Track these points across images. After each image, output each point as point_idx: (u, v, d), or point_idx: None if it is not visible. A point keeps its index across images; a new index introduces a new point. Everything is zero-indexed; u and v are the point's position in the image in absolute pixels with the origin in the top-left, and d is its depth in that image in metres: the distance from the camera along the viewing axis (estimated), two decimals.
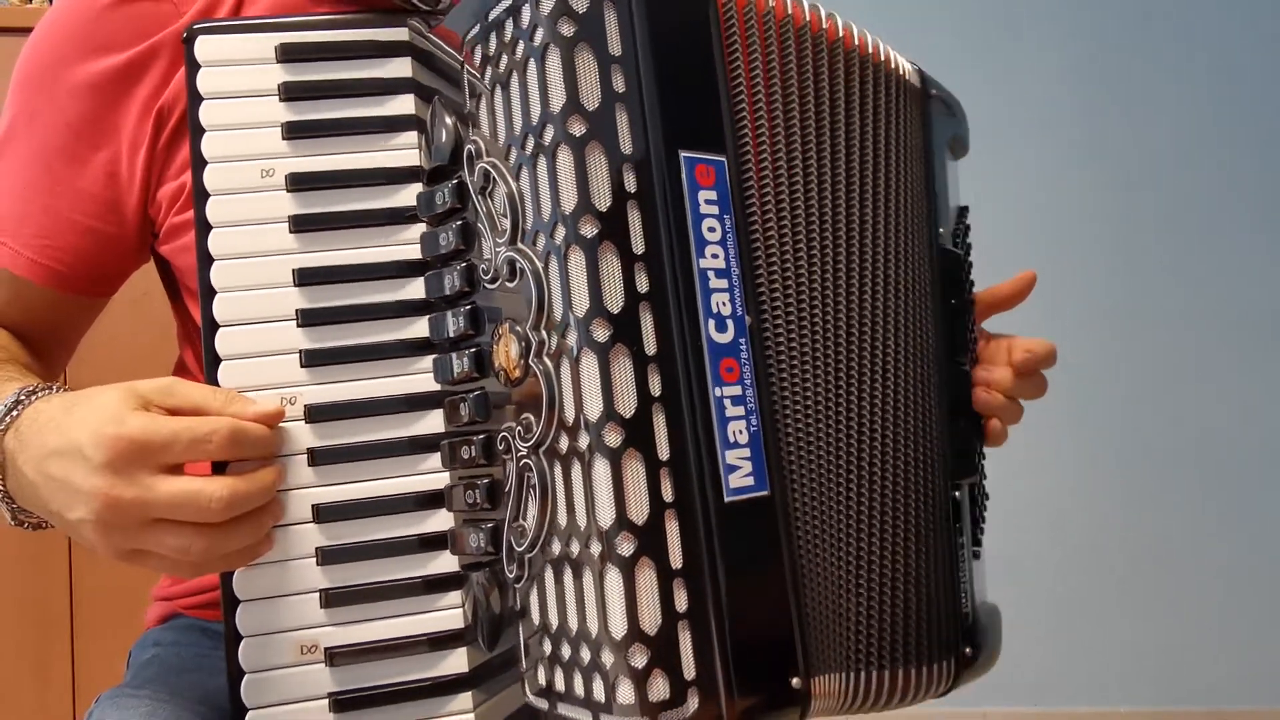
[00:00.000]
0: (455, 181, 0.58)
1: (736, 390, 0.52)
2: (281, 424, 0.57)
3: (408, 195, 0.60)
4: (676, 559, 0.49)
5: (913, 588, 0.59)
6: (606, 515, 0.48)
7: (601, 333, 0.49)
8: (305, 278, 0.59)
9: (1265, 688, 2.07)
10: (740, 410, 0.52)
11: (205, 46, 0.60)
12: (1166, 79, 2.16)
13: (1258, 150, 2.14)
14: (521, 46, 0.52)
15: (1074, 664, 2.12)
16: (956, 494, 0.64)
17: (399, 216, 0.60)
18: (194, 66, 0.60)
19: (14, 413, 0.56)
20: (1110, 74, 2.17)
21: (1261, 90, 2.15)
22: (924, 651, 0.59)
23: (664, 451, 0.49)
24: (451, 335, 0.58)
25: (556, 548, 0.52)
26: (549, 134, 0.51)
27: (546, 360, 0.51)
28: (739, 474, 0.51)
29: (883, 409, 0.59)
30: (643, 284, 0.50)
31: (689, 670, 0.49)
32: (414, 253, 0.60)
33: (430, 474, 0.59)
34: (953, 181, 0.71)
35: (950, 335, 0.66)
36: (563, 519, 0.51)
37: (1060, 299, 2.03)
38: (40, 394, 0.57)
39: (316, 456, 0.58)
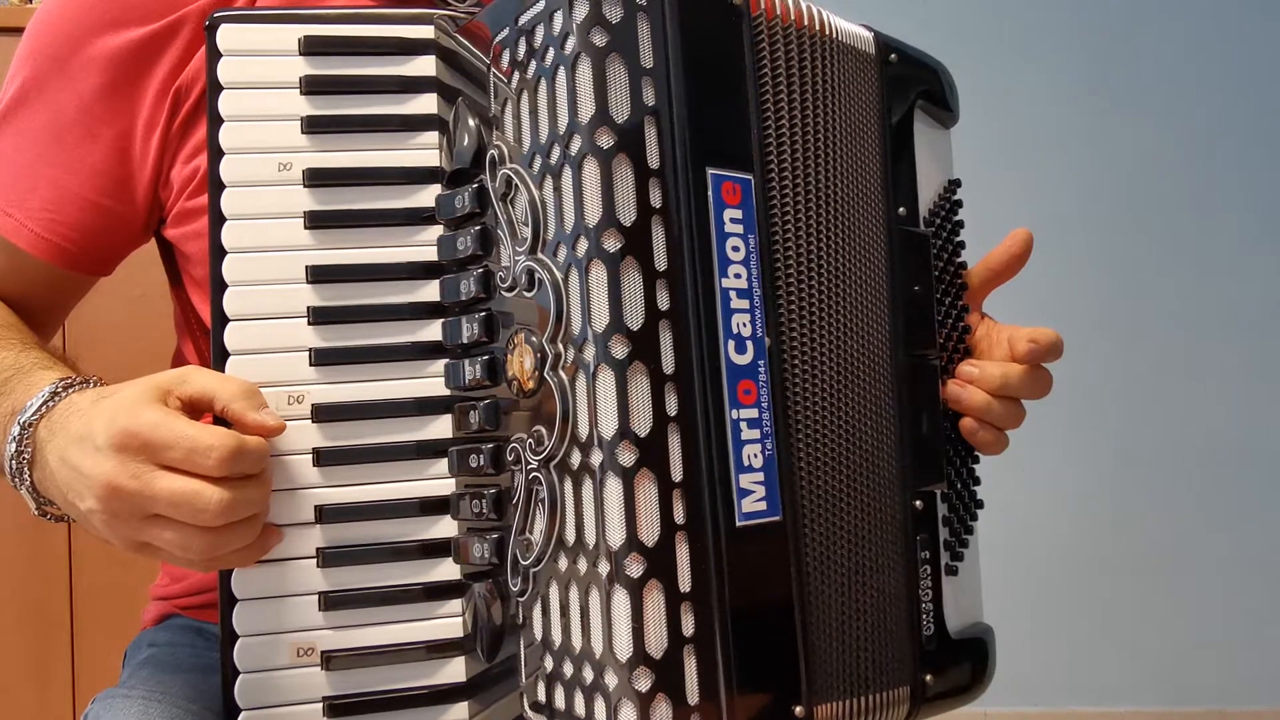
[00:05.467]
0: (476, 185, 0.57)
1: (753, 413, 0.51)
2: (287, 422, 0.56)
3: (426, 196, 0.60)
4: (685, 582, 0.48)
5: (856, 607, 0.56)
6: (616, 535, 0.48)
7: (620, 349, 0.48)
8: (318, 275, 0.58)
9: (1266, 688, 2.08)
10: (756, 434, 0.51)
11: (228, 35, 0.59)
12: (1163, 79, 2.16)
13: (1254, 151, 2.15)
14: (552, 53, 0.51)
15: (1074, 664, 2.13)
16: (917, 503, 0.60)
17: (416, 217, 0.60)
18: (215, 55, 0.59)
19: (50, 403, 0.56)
20: (1106, 75, 2.17)
21: (1258, 90, 2.16)
22: (867, 680, 0.56)
23: (677, 473, 0.49)
24: (465, 341, 0.57)
25: (563, 564, 0.51)
26: (576, 144, 0.50)
27: (562, 374, 0.50)
28: (752, 498, 0.51)
29: (855, 413, 0.57)
30: (664, 301, 0.49)
31: (692, 695, 0.48)
32: (430, 255, 0.59)
33: (436, 480, 0.58)
34: (935, 152, 0.66)
35: (911, 325, 0.61)
36: (570, 535, 0.50)
37: (1058, 300, 2.04)
38: (76, 387, 0.57)
39: (321, 457, 0.57)
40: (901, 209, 0.62)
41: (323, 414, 0.57)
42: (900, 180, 0.62)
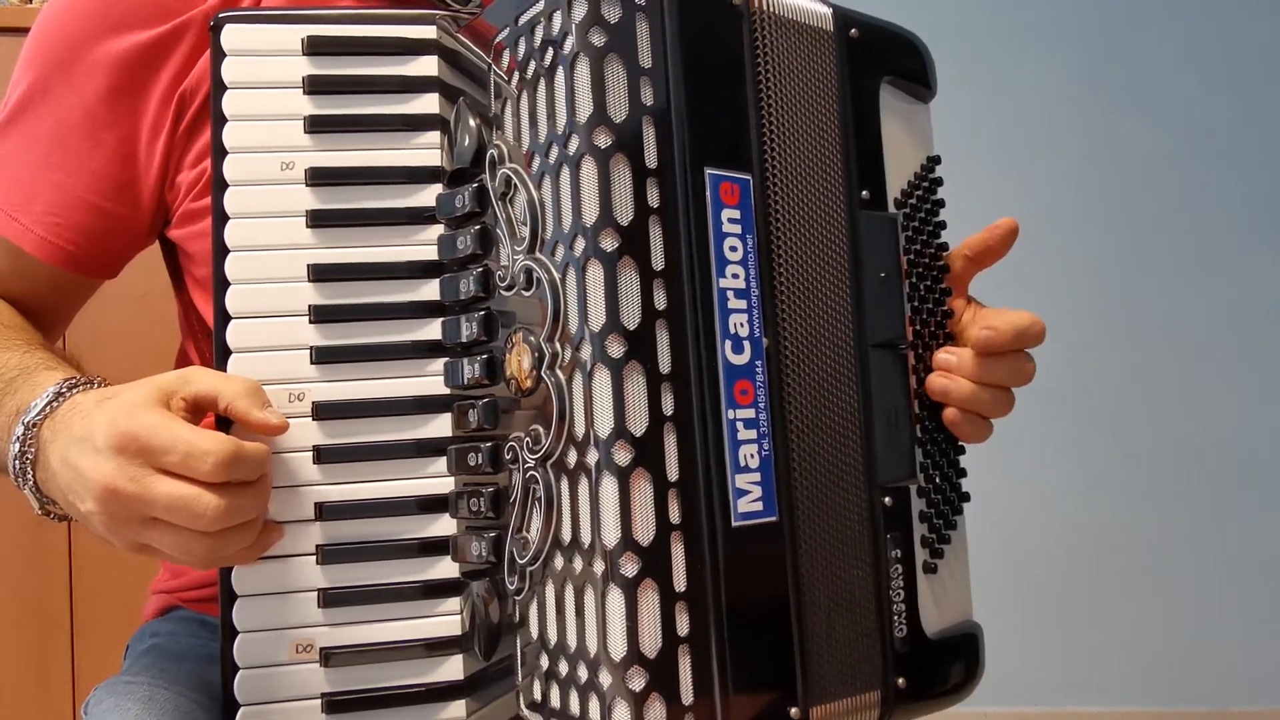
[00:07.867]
0: (476, 185, 0.57)
1: (750, 413, 0.51)
2: (288, 419, 0.56)
3: (427, 196, 0.60)
4: (680, 582, 0.48)
5: (837, 607, 0.55)
6: (612, 534, 0.48)
7: (616, 348, 0.48)
8: (320, 274, 0.59)
9: (1266, 688, 2.07)
10: (753, 434, 0.51)
11: (232, 36, 0.59)
12: (1161, 79, 2.15)
13: (1252, 149, 2.14)
14: (551, 53, 0.51)
15: (1074, 664, 2.12)
16: (886, 499, 0.58)
17: (417, 217, 0.60)
18: (219, 55, 0.59)
19: (54, 404, 0.56)
20: (1105, 74, 2.16)
21: (1257, 89, 2.14)
22: (845, 681, 0.54)
23: (673, 472, 0.49)
24: (464, 340, 0.57)
25: (559, 563, 0.51)
26: (574, 144, 0.50)
27: (559, 373, 0.50)
28: (748, 498, 0.51)
29: (824, 407, 0.55)
30: (661, 301, 0.49)
31: (687, 695, 0.48)
32: (430, 254, 0.59)
33: (435, 478, 0.59)
34: (912, 128, 0.63)
35: (877, 313, 0.59)
36: (566, 534, 0.50)
37: (1054, 297, 2.03)
38: (80, 387, 0.57)
39: (322, 454, 0.57)
40: (865, 192, 0.59)
41: (323, 412, 0.58)
42: (865, 161, 0.59)
